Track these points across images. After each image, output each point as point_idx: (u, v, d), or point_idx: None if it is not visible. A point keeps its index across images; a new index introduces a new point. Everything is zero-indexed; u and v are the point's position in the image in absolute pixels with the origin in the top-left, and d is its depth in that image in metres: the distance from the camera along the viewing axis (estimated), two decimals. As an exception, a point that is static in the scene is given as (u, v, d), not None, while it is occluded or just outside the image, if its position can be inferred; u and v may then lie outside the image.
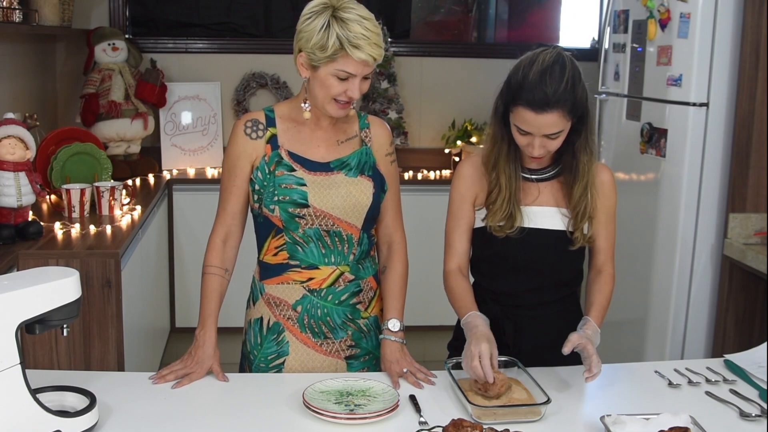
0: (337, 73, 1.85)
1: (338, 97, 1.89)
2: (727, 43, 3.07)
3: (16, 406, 1.49)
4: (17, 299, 1.49)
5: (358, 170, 1.99)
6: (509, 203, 1.96)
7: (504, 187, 1.97)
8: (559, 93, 1.83)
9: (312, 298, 2.00)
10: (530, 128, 1.87)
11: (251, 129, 1.98)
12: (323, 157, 1.98)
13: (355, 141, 2.02)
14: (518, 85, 1.87)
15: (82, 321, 2.62)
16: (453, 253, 2.07)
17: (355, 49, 1.82)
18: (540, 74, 1.84)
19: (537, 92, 1.83)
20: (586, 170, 1.97)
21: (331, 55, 1.83)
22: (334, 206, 1.95)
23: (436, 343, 3.05)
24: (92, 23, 4.36)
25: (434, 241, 3.00)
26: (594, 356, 1.80)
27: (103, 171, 3.38)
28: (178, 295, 4.25)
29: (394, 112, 4.49)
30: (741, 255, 3.01)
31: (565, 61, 1.88)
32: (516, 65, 1.92)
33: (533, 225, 1.98)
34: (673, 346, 3.23)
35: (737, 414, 1.76)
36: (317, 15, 1.85)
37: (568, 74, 1.86)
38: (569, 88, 1.85)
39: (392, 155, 2.08)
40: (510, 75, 1.93)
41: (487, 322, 1.92)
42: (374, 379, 1.86)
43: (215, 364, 1.91)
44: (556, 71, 1.85)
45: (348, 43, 1.82)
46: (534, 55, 1.90)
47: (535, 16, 5.27)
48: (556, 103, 1.83)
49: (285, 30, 4.75)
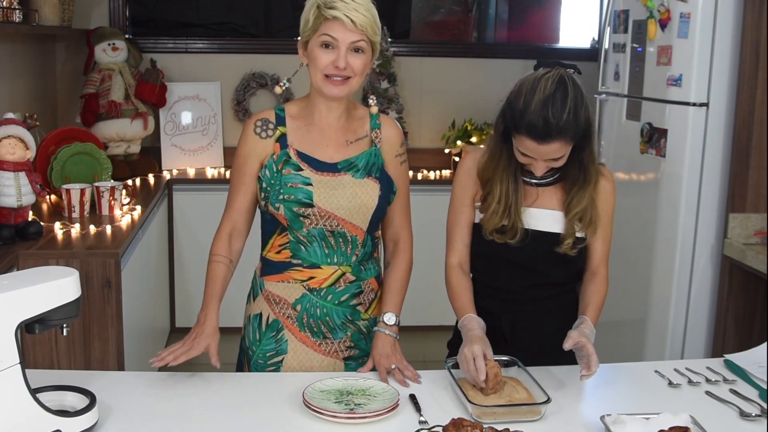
0: (320, 40, 1.88)
1: (328, 71, 1.89)
2: (727, 43, 3.07)
3: (16, 406, 1.49)
4: (17, 299, 1.49)
5: (366, 172, 1.98)
6: (508, 214, 1.96)
7: (501, 196, 1.97)
8: (561, 123, 1.81)
9: (311, 297, 2.00)
10: (533, 154, 1.88)
11: (261, 128, 1.99)
12: (331, 157, 1.98)
13: (365, 141, 2.02)
14: (520, 114, 1.84)
15: (82, 321, 2.62)
16: (454, 247, 2.08)
17: (329, 10, 1.85)
18: (542, 104, 1.82)
19: (539, 123, 1.81)
20: (592, 180, 1.98)
21: (312, 24, 1.88)
22: (339, 207, 1.95)
23: (436, 342, 3.05)
24: (92, 23, 4.36)
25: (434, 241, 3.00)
26: (593, 355, 1.81)
27: (103, 171, 3.39)
28: (178, 295, 4.25)
29: (394, 112, 4.49)
30: (741, 255, 3.01)
31: (567, 87, 1.84)
32: (517, 89, 1.89)
33: (531, 227, 1.99)
34: (673, 346, 3.23)
35: (737, 414, 1.76)
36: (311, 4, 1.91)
37: (570, 103, 1.83)
38: (572, 117, 1.82)
39: (402, 156, 2.07)
40: (511, 98, 1.90)
41: (482, 325, 1.93)
42: (374, 379, 1.86)
43: (213, 344, 1.90)
44: (558, 100, 1.82)
45: (324, 6, 1.86)
46: (535, 80, 1.86)
47: (535, 16, 5.27)
48: (558, 134, 1.82)
49: (285, 30, 4.75)
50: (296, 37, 1.98)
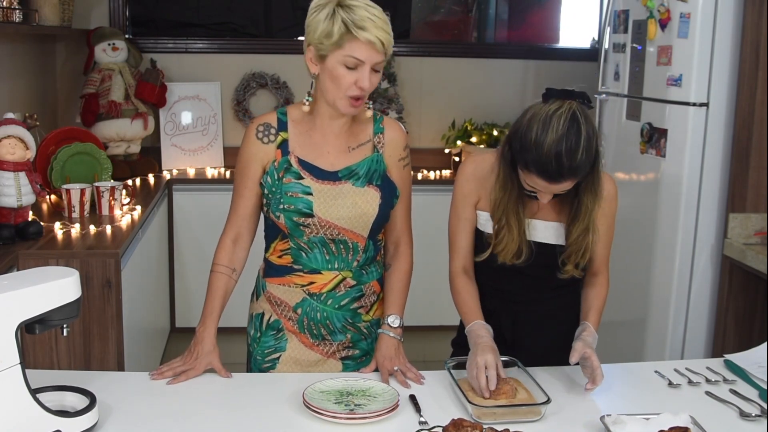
0: (345, 60, 1.82)
1: (349, 91, 1.86)
2: (727, 43, 3.07)
3: (16, 406, 1.49)
4: (17, 299, 1.49)
5: (366, 179, 1.96)
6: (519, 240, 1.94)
7: (514, 228, 1.93)
8: (574, 165, 1.76)
9: (312, 301, 2.00)
10: (542, 189, 1.84)
11: (263, 133, 1.96)
12: (333, 165, 1.96)
13: (367, 147, 2.00)
14: (531, 152, 1.77)
15: (82, 321, 2.62)
16: (457, 253, 2.06)
17: (360, 30, 1.79)
18: (555, 144, 1.74)
19: (552, 165, 1.75)
20: (588, 211, 1.91)
21: (337, 40, 1.81)
22: (339, 217, 1.94)
23: (437, 343, 3.05)
24: (92, 23, 4.36)
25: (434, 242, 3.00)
26: (598, 369, 1.81)
27: (103, 171, 3.39)
28: (178, 295, 4.25)
29: (394, 112, 4.50)
30: (741, 255, 3.01)
31: (580, 125, 1.76)
32: (528, 120, 1.80)
33: (532, 238, 1.97)
34: (673, 346, 3.23)
35: (737, 414, 1.76)
36: (323, 7, 1.84)
37: (584, 143, 1.75)
38: (584, 156, 1.76)
39: (405, 159, 2.05)
40: (521, 130, 1.80)
41: (491, 331, 1.93)
42: (374, 379, 1.86)
43: (214, 360, 1.91)
44: (572, 140, 1.74)
45: (353, 25, 1.79)
46: (547, 117, 1.76)
47: (535, 16, 5.27)
48: (570, 174, 1.78)
49: (285, 30, 4.75)
50: (296, 37, 1.97)
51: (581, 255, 1.96)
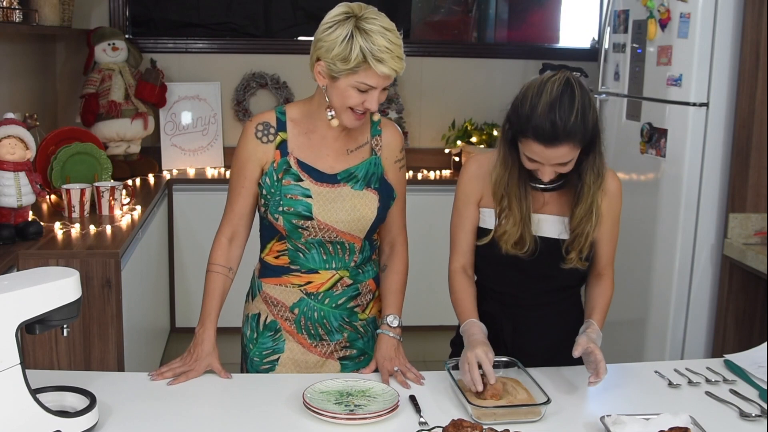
0: (357, 85, 1.82)
1: (358, 109, 1.86)
2: (727, 43, 3.07)
3: (16, 406, 1.49)
4: (17, 299, 1.49)
5: (365, 182, 1.96)
6: (521, 226, 1.94)
7: (516, 212, 1.94)
8: (569, 126, 1.77)
9: (309, 301, 2.00)
10: (540, 159, 1.84)
11: (262, 133, 1.95)
12: (331, 167, 1.96)
13: (365, 149, 2.00)
14: (526, 117, 1.80)
15: (82, 321, 2.62)
16: (458, 252, 2.06)
17: (378, 63, 1.78)
18: (549, 106, 1.78)
19: (546, 126, 1.77)
20: (590, 192, 1.92)
21: (353, 67, 1.79)
22: (338, 220, 1.93)
23: (436, 343, 3.05)
24: (92, 23, 4.36)
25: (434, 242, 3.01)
26: (602, 362, 1.81)
27: (103, 171, 3.39)
28: (178, 295, 4.25)
29: (394, 112, 4.49)
30: (741, 255, 3.01)
31: (574, 89, 1.80)
32: (523, 93, 1.85)
33: (539, 233, 1.97)
34: (673, 346, 3.23)
35: (737, 414, 1.76)
36: (339, 24, 1.80)
37: (578, 104, 1.79)
38: (579, 119, 1.79)
39: (402, 161, 2.05)
40: (517, 102, 1.85)
41: (484, 329, 1.93)
42: (374, 380, 1.86)
43: (214, 361, 1.91)
44: (565, 102, 1.78)
45: (372, 57, 1.77)
46: (542, 83, 1.81)
47: (535, 16, 5.27)
48: (566, 137, 1.78)
49: (285, 30, 4.75)
50: (296, 37, 1.95)
51: (584, 240, 1.95)
